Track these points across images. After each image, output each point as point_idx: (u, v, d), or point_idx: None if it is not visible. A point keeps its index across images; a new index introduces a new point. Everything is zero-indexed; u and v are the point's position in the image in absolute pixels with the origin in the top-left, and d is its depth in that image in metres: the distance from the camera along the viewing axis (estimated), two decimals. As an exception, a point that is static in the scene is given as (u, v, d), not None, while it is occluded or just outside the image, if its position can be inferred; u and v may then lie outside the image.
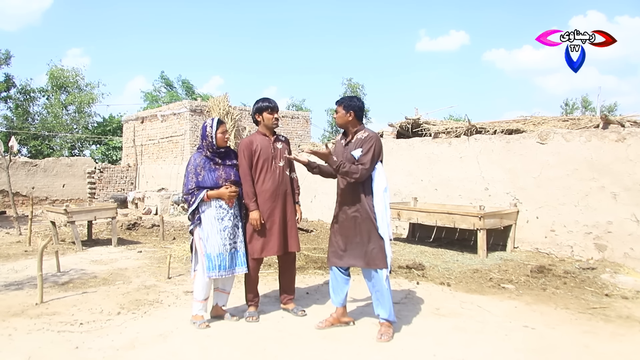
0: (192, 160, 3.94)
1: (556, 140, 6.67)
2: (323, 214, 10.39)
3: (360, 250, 3.63)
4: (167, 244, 8.15)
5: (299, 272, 5.79)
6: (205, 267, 3.83)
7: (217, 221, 3.87)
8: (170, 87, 33.80)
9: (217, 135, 3.94)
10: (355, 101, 3.75)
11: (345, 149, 3.75)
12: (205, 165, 3.91)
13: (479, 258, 6.46)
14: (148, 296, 4.82)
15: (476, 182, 7.59)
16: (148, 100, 31.94)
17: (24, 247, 7.91)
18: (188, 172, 3.90)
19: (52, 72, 26.50)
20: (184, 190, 3.90)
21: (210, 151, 3.94)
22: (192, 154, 4.00)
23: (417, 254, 6.78)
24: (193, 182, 3.86)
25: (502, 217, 6.77)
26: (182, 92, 33.44)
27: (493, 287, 5.06)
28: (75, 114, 26.84)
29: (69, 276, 5.72)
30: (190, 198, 3.86)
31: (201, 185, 3.85)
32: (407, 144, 8.81)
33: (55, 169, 16.93)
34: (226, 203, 3.92)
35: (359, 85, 32.45)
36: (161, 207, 14.11)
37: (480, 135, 7.69)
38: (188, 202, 3.88)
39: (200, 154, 3.95)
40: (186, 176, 3.92)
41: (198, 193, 3.84)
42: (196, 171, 3.88)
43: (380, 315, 3.68)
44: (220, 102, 16.60)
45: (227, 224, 3.90)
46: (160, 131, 17.42)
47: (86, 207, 8.26)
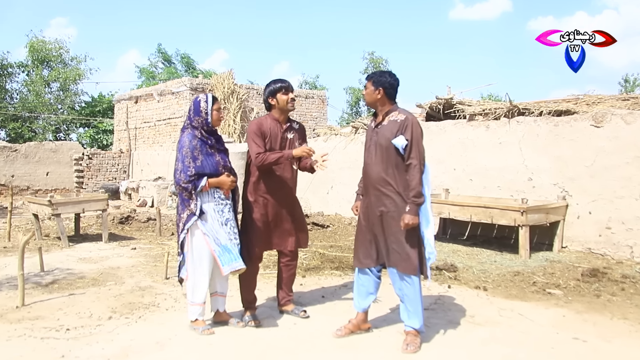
0: (186, 141, 3.85)
1: (614, 122, 6.56)
2: (341, 207, 10.40)
3: (390, 250, 3.64)
4: (165, 240, 8.24)
5: (314, 272, 5.83)
6: (220, 263, 3.81)
7: (217, 213, 3.89)
8: (169, 63, 34.02)
9: (213, 112, 3.94)
10: (386, 77, 3.73)
11: (374, 132, 3.74)
12: (202, 148, 3.88)
13: (520, 259, 6.41)
14: (143, 299, 4.88)
15: (518, 172, 7.52)
16: (143, 77, 32.21)
17: (2, 243, 8.05)
18: (183, 155, 3.82)
19: (32, 44, 26.80)
20: (181, 177, 3.81)
21: (204, 130, 3.93)
22: (184, 134, 3.93)
23: (448, 254, 6.76)
24: (192, 167, 3.81)
25: (548, 211, 6.71)
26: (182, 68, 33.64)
27: (537, 293, 5.03)
28: (60, 92, 27.19)
29: (54, 276, 5.82)
30: (190, 187, 3.79)
31: (200, 172, 3.83)
32: (437, 128, 8.74)
33: (38, 154, 17.20)
34: (224, 193, 3.95)
35: (382, 59, 32.24)
36: (158, 198, 14.27)
37: (523, 118, 7.59)
38: (188, 192, 3.80)
39: (193, 135, 3.89)
40: (181, 160, 3.83)
41: (198, 181, 3.82)
42: (193, 155, 3.83)
43: (407, 323, 3.68)
44: (224, 80, 16.66)
45: (228, 217, 3.93)
46: (157, 112, 17.56)
47: (73, 198, 8.37)
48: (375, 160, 3.69)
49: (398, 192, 3.60)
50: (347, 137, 10.70)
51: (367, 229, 3.79)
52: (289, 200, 4.24)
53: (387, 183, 3.63)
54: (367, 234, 3.79)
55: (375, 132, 3.74)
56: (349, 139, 10.58)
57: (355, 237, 3.94)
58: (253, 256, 4.14)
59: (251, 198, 4.15)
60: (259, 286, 4.49)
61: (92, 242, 8.10)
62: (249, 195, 4.17)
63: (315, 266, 6.12)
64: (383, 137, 3.64)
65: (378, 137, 3.69)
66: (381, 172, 3.65)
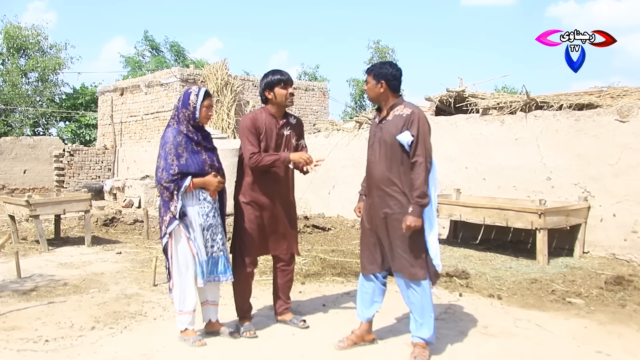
0: (169, 137, 3.86)
1: (640, 117, 6.56)
2: (343, 209, 10.40)
3: (396, 254, 3.64)
4: (153, 244, 8.25)
5: (314, 279, 5.84)
6: (199, 273, 3.87)
7: (201, 217, 3.89)
8: (157, 51, 34.03)
9: (202, 108, 3.94)
10: (387, 68, 3.73)
11: (378, 128, 3.74)
12: (187, 145, 3.88)
13: (538, 265, 6.41)
14: (129, 307, 4.89)
15: (535, 170, 7.52)
16: (129, 67, 32.21)
17: (-23, 246, 8.05)
18: (166, 152, 3.83)
19: (7, 30, 26.79)
20: (163, 176, 3.81)
21: (191, 125, 3.93)
22: (168, 129, 3.93)
23: (459, 259, 6.77)
24: (175, 165, 3.81)
25: (569, 214, 6.71)
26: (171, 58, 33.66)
27: (556, 302, 5.03)
28: (38, 82, 27.21)
29: (32, 282, 5.82)
30: (172, 186, 3.80)
31: (184, 171, 3.83)
32: (448, 123, 8.74)
33: (14, 150, 17.21)
34: (210, 195, 3.95)
35: (389, 49, 32.30)
36: (145, 198, 14.28)
37: (541, 112, 7.60)
38: (170, 192, 3.80)
39: (178, 130, 3.89)
40: (163, 157, 3.84)
41: (182, 181, 3.82)
42: (177, 152, 3.83)
43: (415, 334, 3.69)
44: (217, 70, 16.68)
45: (212, 222, 3.93)
46: (144, 105, 17.58)
47: (53, 198, 8.39)
48: (379, 158, 3.69)
49: (403, 192, 3.59)
50: (350, 133, 10.70)
51: (371, 232, 3.79)
52: (285, 202, 4.26)
53: (392, 182, 3.63)
54: (371, 237, 3.80)
55: (379, 128, 3.74)
56: (352, 135, 10.59)
57: (360, 240, 3.95)
58: (247, 261, 4.15)
59: (245, 199, 4.15)
60: (254, 293, 4.50)
61: (74, 246, 8.11)
62: (242, 197, 4.17)
63: (316, 272, 6.12)
64: (387, 133, 3.64)
65: (382, 133, 3.69)
66: (385, 171, 3.65)
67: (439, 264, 3.63)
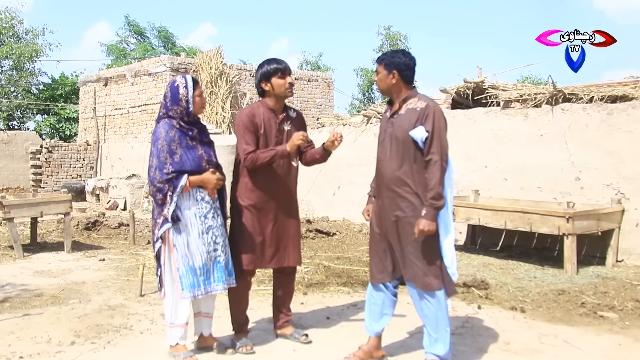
0: (162, 133, 3.85)
1: (679, 110, 6.55)
2: (349, 211, 10.40)
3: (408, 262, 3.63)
4: (140, 250, 8.26)
5: (317, 289, 5.84)
6: (181, 285, 3.83)
7: (199, 219, 3.88)
8: (142, 37, 34.06)
9: (195, 98, 3.93)
10: (399, 56, 3.73)
11: (389, 123, 3.73)
12: (181, 140, 3.87)
13: (566, 275, 6.40)
14: (113, 320, 4.88)
15: (563, 170, 7.51)
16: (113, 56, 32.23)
17: (-54, 252, 8.07)
18: (159, 149, 3.82)
19: (-24, 13, 26.80)
20: (156, 175, 3.80)
21: (184, 121, 3.92)
22: (159, 124, 3.92)
23: (478, 268, 6.76)
24: (169, 164, 3.80)
25: (600, 218, 6.68)
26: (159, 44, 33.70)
27: (586, 316, 5.01)
28: (13, 71, 27.19)
29: (5, 293, 5.82)
30: (166, 187, 3.78)
31: (179, 169, 3.82)
32: (465, 117, 8.73)
33: (-13, 147, 17.25)
34: (209, 194, 3.94)
35: (401, 35, 32.29)
36: (131, 199, 14.31)
37: (569, 105, 7.58)
38: (163, 194, 3.79)
39: (170, 124, 3.89)
40: (156, 155, 3.83)
41: (177, 180, 3.80)
42: (170, 148, 3.82)
43: (428, 350, 3.67)
44: (211, 59, 16.69)
45: (212, 224, 3.91)
46: (131, 97, 17.61)
47: (29, 200, 8.38)
48: (390, 155, 3.69)
49: (416, 194, 3.59)
50: (358, 128, 10.70)
51: (381, 237, 3.79)
52: (287, 205, 4.23)
53: (404, 183, 3.62)
54: (381, 242, 3.79)
55: (390, 123, 3.74)
56: (360, 130, 10.59)
57: (369, 246, 3.94)
58: (244, 271, 4.13)
59: (242, 202, 4.14)
60: (251, 305, 4.49)
61: (52, 252, 8.11)
62: (240, 199, 4.15)
63: (319, 281, 6.12)
64: (400, 128, 3.64)
65: (394, 129, 3.68)
66: (396, 170, 3.64)
67: (455, 273, 3.62)
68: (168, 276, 3.90)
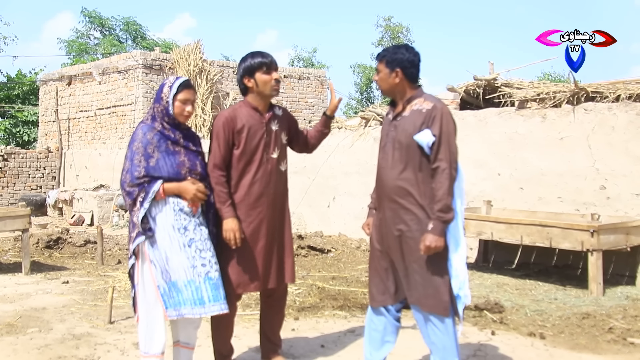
0: (139, 134, 3.88)
1: None
2: (346, 226, 10.39)
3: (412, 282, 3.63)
4: (109, 270, 8.23)
5: (310, 313, 5.83)
6: (164, 304, 3.82)
7: (178, 232, 3.86)
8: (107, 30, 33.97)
9: (175, 102, 3.92)
10: (403, 53, 3.73)
11: (392, 126, 3.74)
12: (160, 144, 3.88)
13: (591, 296, 6.39)
14: (78, 351, 4.85)
15: (586, 178, 7.53)
16: (74, 53, 32.15)
17: None
18: (133, 152, 3.84)
19: None
20: (127, 178, 3.81)
21: (165, 122, 3.93)
22: (139, 126, 3.94)
23: (491, 288, 6.75)
24: (142, 166, 3.79)
25: (629, 231, 6.67)
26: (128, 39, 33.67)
27: (615, 342, 5.00)
28: (-37, 69, 27.19)
29: (-42, 318, 5.79)
30: (136, 192, 3.79)
31: (153, 174, 3.81)
32: (476, 119, 8.75)
33: None
34: (189, 206, 3.93)
35: (402, 27, 32.52)
36: (99, 214, 14.27)
37: (593, 104, 7.61)
38: (132, 198, 3.80)
39: (151, 127, 3.91)
40: (130, 158, 3.85)
41: (150, 185, 3.80)
42: (146, 151, 3.83)
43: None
44: (190, 55, 16.71)
45: (194, 236, 3.89)
46: (98, 97, 17.59)
47: (-17, 213, 8.35)
48: (392, 162, 3.69)
49: (421, 206, 3.59)
50: (355, 132, 10.72)
51: (382, 254, 3.78)
52: (278, 218, 4.21)
53: (408, 193, 3.62)
54: (382, 260, 3.79)
55: (393, 126, 3.74)
56: (357, 134, 10.60)
57: (369, 265, 3.93)
58: (230, 295, 4.09)
59: None
60: (236, 332, 4.48)
61: (8, 275, 8.06)
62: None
63: (313, 304, 6.10)
64: (403, 132, 3.64)
65: (397, 132, 3.69)
66: (399, 179, 3.65)
67: (466, 295, 3.61)
68: (141, 297, 3.87)
